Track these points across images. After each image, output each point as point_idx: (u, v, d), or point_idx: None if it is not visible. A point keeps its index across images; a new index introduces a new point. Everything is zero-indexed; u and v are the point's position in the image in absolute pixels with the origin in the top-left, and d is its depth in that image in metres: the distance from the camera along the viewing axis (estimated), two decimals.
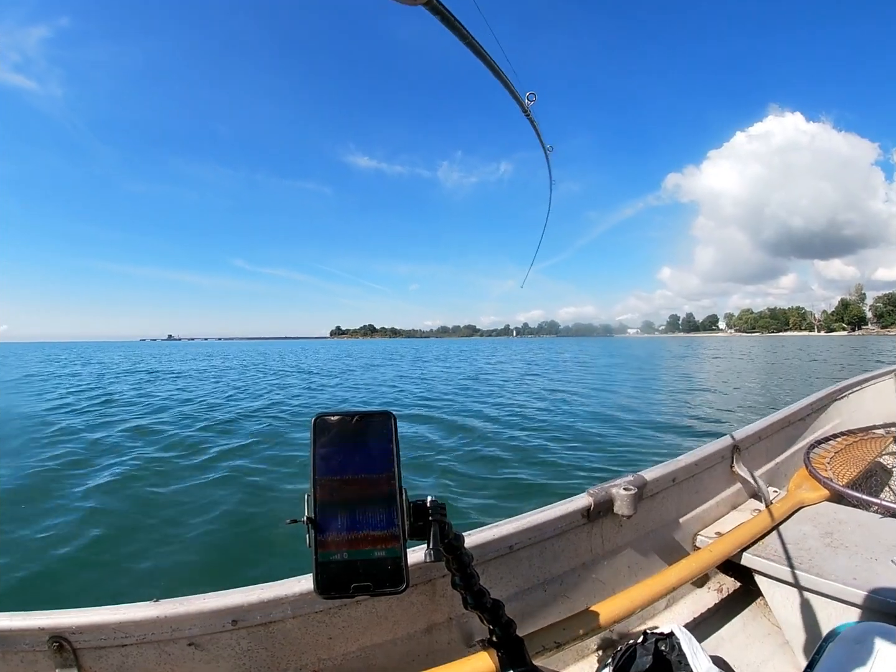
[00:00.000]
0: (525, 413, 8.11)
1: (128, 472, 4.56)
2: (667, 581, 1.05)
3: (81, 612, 0.69)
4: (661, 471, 1.22)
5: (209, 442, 5.90)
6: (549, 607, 0.99)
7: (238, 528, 3.25)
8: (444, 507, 0.64)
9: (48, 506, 3.66)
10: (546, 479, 4.22)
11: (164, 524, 3.31)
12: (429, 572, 0.84)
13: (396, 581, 0.55)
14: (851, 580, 1.04)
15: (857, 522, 1.30)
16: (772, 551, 1.20)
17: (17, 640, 0.66)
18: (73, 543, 3.00)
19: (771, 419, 1.68)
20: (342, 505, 0.56)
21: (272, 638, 0.75)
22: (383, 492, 0.57)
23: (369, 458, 0.58)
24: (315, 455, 0.57)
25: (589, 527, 1.07)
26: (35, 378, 17.08)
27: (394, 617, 0.83)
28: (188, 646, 0.71)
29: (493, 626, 0.69)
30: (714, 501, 1.38)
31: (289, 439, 6.05)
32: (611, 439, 5.83)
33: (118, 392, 11.99)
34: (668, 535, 1.25)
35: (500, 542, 0.92)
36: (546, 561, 1.00)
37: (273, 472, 4.57)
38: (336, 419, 0.58)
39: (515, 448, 5.46)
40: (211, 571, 2.69)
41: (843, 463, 1.64)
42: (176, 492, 4.01)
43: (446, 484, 4.14)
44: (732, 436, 1.47)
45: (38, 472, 4.58)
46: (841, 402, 2.11)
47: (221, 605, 0.71)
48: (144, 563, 2.76)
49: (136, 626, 0.69)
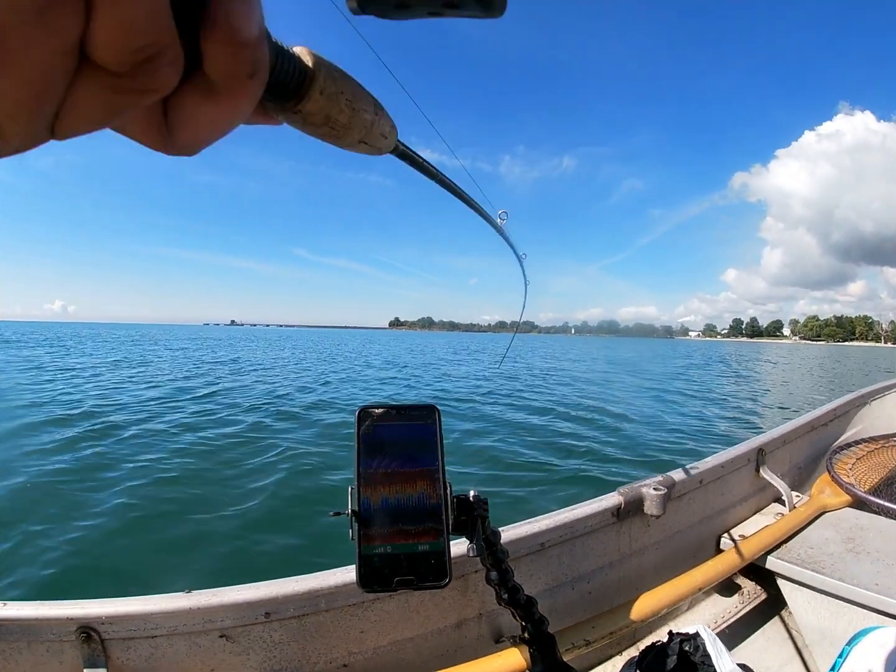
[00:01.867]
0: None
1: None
2: (692, 582, 1.04)
3: (111, 602, 0.68)
4: (689, 472, 1.21)
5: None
6: (578, 605, 0.99)
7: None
8: (487, 502, 0.64)
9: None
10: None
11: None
12: (462, 567, 0.83)
13: (440, 575, 0.55)
14: (873, 585, 1.04)
15: (879, 529, 1.30)
16: (794, 555, 1.19)
17: (44, 629, 0.65)
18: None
19: (795, 423, 1.67)
20: (386, 498, 0.55)
21: (304, 631, 0.74)
22: (428, 485, 0.56)
23: (414, 451, 0.57)
24: (359, 447, 0.56)
25: (618, 526, 1.06)
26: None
27: (426, 611, 0.82)
28: (219, 637, 0.70)
29: (526, 622, 0.69)
30: (738, 504, 1.37)
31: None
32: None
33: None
34: (693, 537, 1.24)
35: (533, 539, 0.91)
36: (576, 559, 0.99)
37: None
38: (381, 412, 0.58)
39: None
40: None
41: (865, 469, 1.64)
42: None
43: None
44: (757, 439, 1.46)
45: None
46: (863, 409, 2.10)
47: (255, 597, 0.70)
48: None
49: (167, 617, 0.68)
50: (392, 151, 0.30)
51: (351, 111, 0.24)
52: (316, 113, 0.22)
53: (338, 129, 0.24)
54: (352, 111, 0.24)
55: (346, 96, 0.23)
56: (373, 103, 0.25)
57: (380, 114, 0.26)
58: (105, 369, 12.27)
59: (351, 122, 0.24)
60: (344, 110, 0.23)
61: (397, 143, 0.30)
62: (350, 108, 0.23)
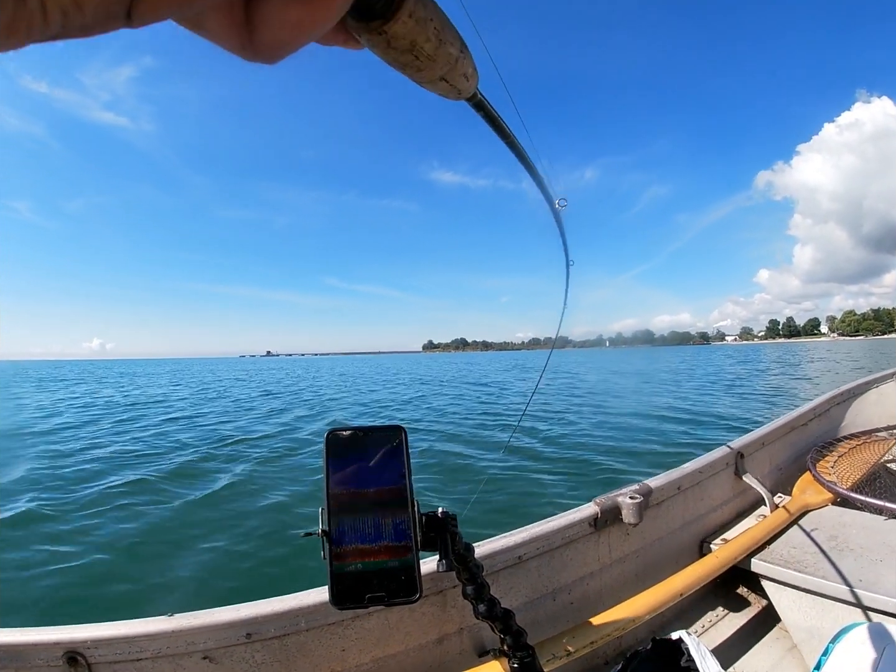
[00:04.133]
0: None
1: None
2: (674, 588, 1.05)
3: (96, 626, 0.69)
4: (666, 479, 1.23)
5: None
6: (559, 616, 1.00)
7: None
8: (455, 518, 0.66)
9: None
10: None
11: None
12: (439, 583, 0.84)
13: (410, 591, 0.57)
14: (857, 582, 1.05)
15: (862, 525, 1.31)
16: (778, 556, 1.21)
17: (32, 654, 0.67)
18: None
19: (774, 425, 1.69)
20: (355, 517, 0.57)
21: (286, 651, 0.75)
22: (395, 503, 0.58)
23: (381, 471, 0.59)
24: (328, 469, 0.58)
25: (596, 535, 1.08)
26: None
27: (405, 628, 0.83)
28: (203, 659, 0.72)
29: (505, 635, 0.70)
30: (719, 508, 1.39)
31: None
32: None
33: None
34: (674, 543, 1.26)
35: (509, 552, 0.93)
36: (555, 570, 1.01)
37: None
38: (348, 434, 0.60)
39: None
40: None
41: (847, 466, 1.65)
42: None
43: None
44: (736, 443, 1.48)
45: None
46: (843, 406, 2.12)
47: (236, 618, 0.72)
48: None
49: (151, 640, 0.69)
50: (470, 98, 0.29)
51: (438, 42, 0.22)
52: (402, 37, 0.21)
53: (422, 59, 0.22)
54: (438, 42, 0.22)
55: (435, 24, 0.22)
56: (459, 40, 0.24)
57: (465, 53, 0.25)
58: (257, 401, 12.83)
59: (436, 53, 0.23)
60: (431, 39, 0.22)
61: (476, 91, 0.28)
62: (437, 39, 0.22)
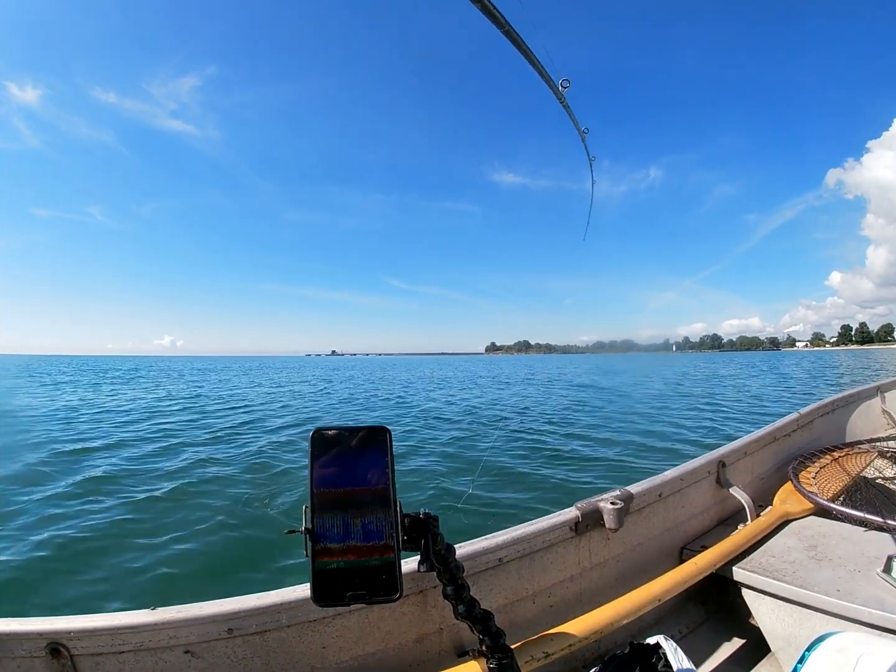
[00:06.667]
0: None
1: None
2: (653, 593, 1.07)
3: (79, 618, 0.70)
4: (647, 485, 1.25)
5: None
6: (538, 618, 1.01)
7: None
8: (437, 519, 0.67)
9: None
10: None
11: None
12: (420, 583, 0.86)
13: (391, 590, 0.58)
14: (835, 591, 1.06)
15: (842, 535, 1.32)
16: (757, 564, 1.22)
17: (15, 645, 0.67)
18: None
19: (757, 435, 1.72)
20: (338, 516, 0.59)
21: (267, 646, 0.76)
22: (378, 503, 0.60)
23: (365, 471, 0.61)
24: (313, 468, 0.60)
25: (577, 540, 1.10)
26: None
27: (386, 627, 0.84)
28: (184, 653, 0.72)
29: (483, 636, 0.72)
30: (700, 516, 1.41)
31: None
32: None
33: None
34: (654, 549, 1.28)
35: (490, 554, 0.94)
36: (535, 573, 1.02)
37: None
38: (333, 433, 0.62)
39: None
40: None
41: (828, 477, 1.68)
42: None
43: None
44: (718, 451, 1.50)
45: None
46: (827, 418, 2.15)
47: (217, 612, 0.73)
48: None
49: (133, 632, 0.70)
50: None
51: None
52: None
53: None
54: None
55: None
56: None
57: None
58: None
59: None
60: None
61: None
62: None
